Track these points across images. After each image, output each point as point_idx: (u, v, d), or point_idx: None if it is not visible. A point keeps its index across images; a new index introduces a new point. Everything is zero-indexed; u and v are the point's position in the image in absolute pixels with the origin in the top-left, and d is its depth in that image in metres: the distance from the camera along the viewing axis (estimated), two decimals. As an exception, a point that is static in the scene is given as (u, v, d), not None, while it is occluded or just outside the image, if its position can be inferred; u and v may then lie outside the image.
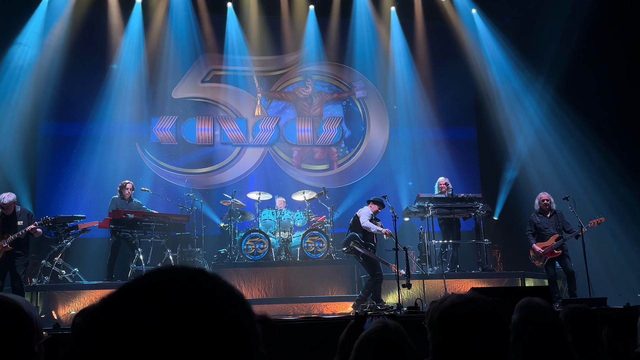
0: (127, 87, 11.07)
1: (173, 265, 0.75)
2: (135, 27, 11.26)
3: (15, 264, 7.27)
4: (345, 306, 8.33)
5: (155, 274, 0.71)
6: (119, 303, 0.68)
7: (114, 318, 0.66)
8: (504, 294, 5.96)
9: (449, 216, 9.19)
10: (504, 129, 11.43)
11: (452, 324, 1.49)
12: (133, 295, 0.68)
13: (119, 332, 0.64)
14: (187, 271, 0.72)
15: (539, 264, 8.26)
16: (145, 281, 0.70)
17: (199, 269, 0.74)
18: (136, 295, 0.68)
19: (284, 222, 9.39)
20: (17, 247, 7.30)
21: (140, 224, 8.49)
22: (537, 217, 8.35)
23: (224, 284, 0.73)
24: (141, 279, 0.71)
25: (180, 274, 0.71)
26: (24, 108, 10.21)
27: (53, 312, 7.76)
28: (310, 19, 11.94)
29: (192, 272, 0.72)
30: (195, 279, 0.71)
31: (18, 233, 7.26)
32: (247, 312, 0.72)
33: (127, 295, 0.68)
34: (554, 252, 8.07)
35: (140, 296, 0.67)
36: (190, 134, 11.41)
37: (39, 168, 10.64)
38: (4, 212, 7.34)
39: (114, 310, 0.67)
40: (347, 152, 11.93)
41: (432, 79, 11.98)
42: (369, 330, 1.89)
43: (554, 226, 8.17)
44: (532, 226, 8.37)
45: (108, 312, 0.67)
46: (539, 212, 8.34)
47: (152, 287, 0.68)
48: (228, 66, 11.76)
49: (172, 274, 0.71)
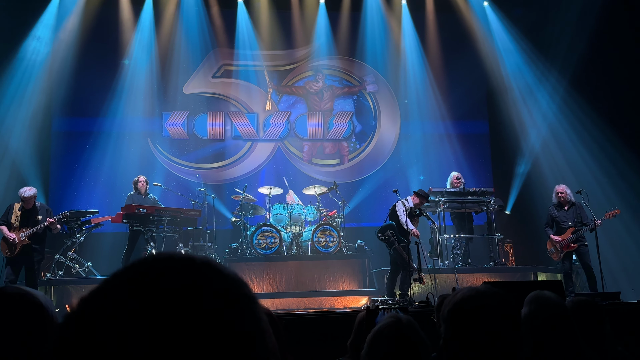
0: (139, 82, 11.13)
1: (157, 255, 0.65)
2: (146, 22, 11.31)
3: (30, 258, 7.37)
4: (356, 300, 8.34)
5: (136, 267, 0.64)
6: (97, 299, 0.62)
7: (90, 316, 0.60)
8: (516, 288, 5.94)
9: (461, 210, 9.16)
10: (516, 123, 11.36)
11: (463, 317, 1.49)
12: (111, 292, 0.62)
13: (93, 332, 0.58)
14: (172, 261, 0.63)
15: (556, 257, 8.21)
16: (125, 275, 0.63)
17: (188, 258, 0.65)
18: (113, 292, 0.61)
19: (295, 217, 9.41)
20: (35, 241, 7.40)
21: (152, 218, 8.55)
22: (554, 210, 8.30)
23: (219, 276, 0.64)
24: (122, 272, 0.64)
25: (164, 265, 0.63)
26: (37, 104, 10.31)
27: (67, 306, 7.85)
28: (321, 12, 11.91)
29: (179, 261, 0.64)
30: (182, 270, 0.62)
31: (37, 227, 7.35)
32: (249, 309, 0.63)
33: (105, 292, 0.62)
34: (570, 245, 8.02)
35: (117, 293, 0.61)
36: (202, 129, 11.46)
37: (52, 164, 10.74)
38: (24, 206, 7.44)
39: (92, 307, 0.61)
40: (358, 147, 11.91)
41: (443, 73, 11.92)
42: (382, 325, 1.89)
43: (571, 219, 8.11)
44: (550, 219, 8.32)
45: (85, 310, 0.62)
46: (557, 205, 8.28)
47: (130, 281, 0.61)
48: (239, 61, 11.77)
49: (153, 266, 0.63)
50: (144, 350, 0.57)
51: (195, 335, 0.58)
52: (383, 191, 11.30)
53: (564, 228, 8.11)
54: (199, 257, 0.65)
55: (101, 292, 0.63)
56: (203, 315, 0.59)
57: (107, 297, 0.62)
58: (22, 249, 7.32)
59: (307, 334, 5.75)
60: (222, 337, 0.60)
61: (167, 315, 0.58)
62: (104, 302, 0.61)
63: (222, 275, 0.64)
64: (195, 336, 0.58)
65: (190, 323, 0.58)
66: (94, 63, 10.85)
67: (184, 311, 0.59)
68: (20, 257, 7.34)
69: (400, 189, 8.51)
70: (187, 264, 0.64)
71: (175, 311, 0.59)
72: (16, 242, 7.29)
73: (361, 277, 8.90)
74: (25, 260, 7.37)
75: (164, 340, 0.57)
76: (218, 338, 0.59)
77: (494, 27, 11.91)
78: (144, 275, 0.62)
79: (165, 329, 0.58)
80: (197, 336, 0.58)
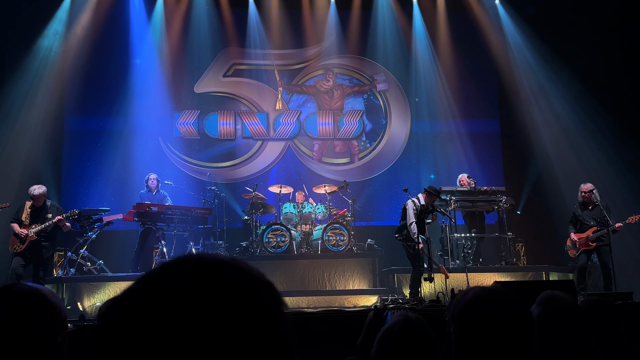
0: (150, 81, 11.19)
1: (189, 257, 0.67)
2: (157, 22, 11.36)
3: (40, 255, 7.44)
4: (366, 299, 8.33)
5: (166, 270, 0.65)
6: (125, 302, 0.63)
7: (118, 320, 0.62)
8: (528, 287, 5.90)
9: (472, 209, 9.11)
10: (528, 122, 11.26)
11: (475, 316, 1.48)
12: (137, 296, 0.63)
13: (121, 336, 0.60)
14: (204, 264, 0.65)
15: (573, 254, 8.18)
16: (152, 280, 0.64)
17: (219, 261, 0.66)
18: (140, 298, 0.63)
19: (305, 216, 9.41)
20: (44, 238, 7.47)
21: (163, 216, 8.59)
22: (578, 208, 8.28)
23: (247, 282, 0.65)
24: (151, 275, 0.65)
25: (195, 269, 0.64)
26: (50, 103, 10.40)
27: (79, 304, 7.91)
28: (331, 11, 11.90)
29: (209, 265, 0.65)
30: (212, 274, 0.64)
31: (45, 224, 7.42)
32: (279, 311, 0.65)
33: (132, 296, 0.64)
34: (588, 244, 7.99)
35: (143, 299, 0.62)
36: (212, 128, 11.50)
37: (65, 162, 10.83)
38: (34, 204, 7.52)
39: (120, 310, 0.63)
40: (368, 146, 11.89)
41: (454, 71, 11.85)
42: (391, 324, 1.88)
43: (594, 218, 8.06)
44: (574, 217, 8.31)
45: (115, 312, 0.63)
46: (581, 204, 8.24)
47: (158, 287, 0.63)
48: (249, 60, 11.80)
49: (184, 269, 0.64)
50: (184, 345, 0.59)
51: (232, 340, 0.60)
52: (393, 190, 11.28)
53: (587, 227, 8.08)
54: (227, 258, 0.68)
55: (130, 298, 0.64)
56: (237, 319, 0.61)
57: (137, 303, 0.63)
58: (30, 245, 7.39)
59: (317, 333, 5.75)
60: (255, 338, 0.61)
61: (196, 318, 0.60)
62: (134, 307, 0.63)
63: (252, 277, 0.66)
64: (232, 340, 0.60)
65: (225, 327, 0.60)
66: (105, 62, 10.93)
67: (216, 316, 0.60)
68: (29, 253, 7.42)
69: (411, 188, 8.49)
70: (217, 267, 0.65)
71: (203, 317, 0.60)
72: (25, 238, 7.37)
73: (371, 276, 8.88)
74: (34, 257, 7.44)
75: (194, 339, 0.59)
76: (250, 338, 0.61)
77: (506, 25, 11.83)
78: (177, 279, 0.63)
79: (194, 329, 0.59)
80: (235, 340, 0.60)
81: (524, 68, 11.59)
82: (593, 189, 8.16)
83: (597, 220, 8.01)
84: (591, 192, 8.12)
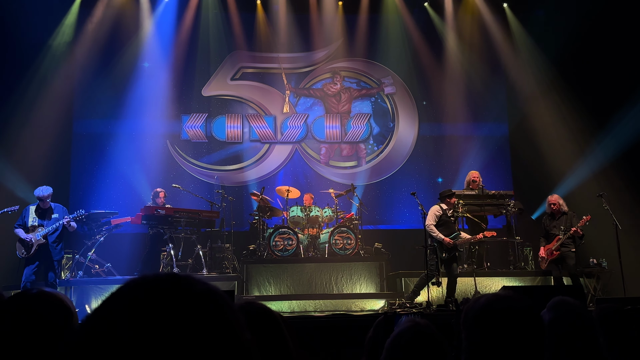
0: (158, 85, 11.24)
1: (148, 276, 0.75)
2: (165, 25, 11.42)
3: (48, 258, 7.44)
4: (373, 303, 8.31)
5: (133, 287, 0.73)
6: (100, 317, 0.71)
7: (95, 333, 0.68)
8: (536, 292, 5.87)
9: (480, 213, 9.07)
10: (537, 125, 11.18)
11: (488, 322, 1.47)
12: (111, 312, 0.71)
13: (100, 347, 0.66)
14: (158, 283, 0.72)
15: (543, 266, 8.18)
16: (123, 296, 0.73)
17: (168, 278, 0.73)
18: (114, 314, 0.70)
19: (312, 219, 9.41)
20: (52, 240, 7.47)
21: (171, 219, 8.61)
22: (547, 220, 8.29)
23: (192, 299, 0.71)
24: (120, 293, 0.74)
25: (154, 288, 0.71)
26: (59, 107, 10.45)
27: (87, 306, 7.94)
28: (339, 15, 11.92)
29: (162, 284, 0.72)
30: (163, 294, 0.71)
31: (53, 225, 7.43)
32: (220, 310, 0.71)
33: (106, 312, 0.71)
34: (553, 252, 7.99)
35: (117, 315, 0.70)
36: (220, 131, 11.52)
37: (73, 165, 10.89)
38: (40, 205, 7.53)
39: (96, 324, 0.70)
40: (376, 149, 11.88)
41: (462, 74, 11.83)
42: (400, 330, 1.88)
43: (560, 227, 8.05)
44: (543, 229, 8.32)
45: (91, 326, 0.70)
46: (550, 215, 8.27)
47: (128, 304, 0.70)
48: (257, 64, 11.84)
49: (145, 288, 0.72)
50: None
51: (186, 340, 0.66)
52: (401, 193, 11.26)
53: (553, 237, 8.09)
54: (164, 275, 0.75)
55: (104, 311, 0.72)
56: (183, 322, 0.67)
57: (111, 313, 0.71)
58: (38, 248, 7.38)
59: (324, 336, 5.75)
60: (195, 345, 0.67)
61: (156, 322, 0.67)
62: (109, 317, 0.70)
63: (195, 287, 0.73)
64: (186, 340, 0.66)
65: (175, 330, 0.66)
66: (114, 65, 10.99)
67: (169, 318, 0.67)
68: (37, 257, 7.40)
69: (419, 192, 8.47)
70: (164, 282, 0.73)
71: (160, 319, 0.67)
72: (32, 242, 7.37)
73: (378, 280, 8.86)
74: (43, 260, 7.44)
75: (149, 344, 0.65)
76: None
77: (514, 28, 11.80)
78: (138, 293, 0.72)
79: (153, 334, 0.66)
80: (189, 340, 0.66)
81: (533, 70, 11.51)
82: (559, 199, 8.19)
83: (563, 229, 8.00)
84: (558, 202, 8.13)
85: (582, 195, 9.55)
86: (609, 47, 10.36)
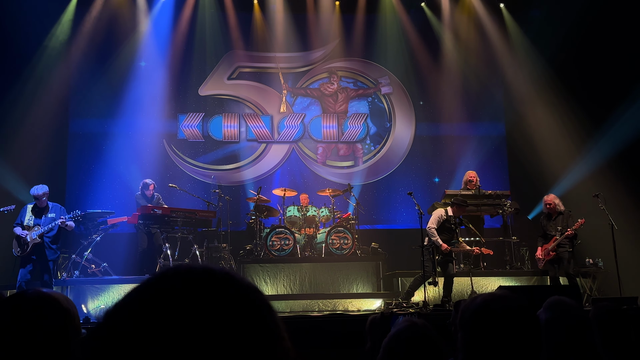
0: (155, 84, 11.23)
1: (179, 268, 0.71)
2: (162, 24, 11.40)
3: (44, 257, 7.40)
4: (370, 303, 8.31)
5: (157, 282, 0.69)
6: (122, 312, 0.67)
7: (121, 321, 0.66)
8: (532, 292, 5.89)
9: (476, 213, 9.08)
10: (533, 125, 11.20)
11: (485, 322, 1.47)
12: (135, 306, 0.67)
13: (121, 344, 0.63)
14: (193, 276, 0.69)
15: (540, 266, 8.20)
16: (149, 289, 0.68)
17: (207, 272, 0.70)
18: (139, 307, 0.66)
19: (309, 219, 9.40)
20: (48, 240, 7.43)
21: (167, 219, 8.60)
22: (544, 220, 8.30)
23: (232, 293, 0.68)
24: (144, 287, 0.69)
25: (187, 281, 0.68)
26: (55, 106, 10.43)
27: (83, 306, 7.91)
28: (336, 15, 11.92)
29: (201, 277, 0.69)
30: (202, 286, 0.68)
31: (48, 226, 7.40)
32: (267, 315, 0.69)
33: (129, 307, 0.67)
34: (550, 253, 8.01)
35: (142, 308, 0.66)
36: (217, 130, 11.52)
37: (70, 165, 10.86)
38: (37, 204, 7.49)
39: (119, 320, 0.66)
40: (373, 149, 11.88)
41: (459, 74, 11.84)
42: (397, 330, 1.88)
43: (557, 227, 8.07)
44: (541, 229, 8.33)
45: (119, 313, 0.67)
46: (546, 215, 8.29)
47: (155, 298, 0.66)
48: (254, 63, 11.83)
49: (174, 280, 0.68)
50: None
51: (218, 342, 0.64)
52: (398, 193, 11.27)
53: (550, 237, 8.12)
54: (218, 269, 0.71)
55: (128, 305, 0.68)
56: (224, 324, 0.65)
57: (132, 309, 0.67)
58: (34, 247, 7.34)
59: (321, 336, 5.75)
60: (240, 342, 0.65)
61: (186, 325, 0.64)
62: (131, 314, 0.66)
63: (240, 285, 0.70)
64: (227, 341, 0.64)
65: (211, 332, 0.64)
66: (110, 65, 10.96)
67: (205, 321, 0.64)
68: (33, 256, 7.36)
69: (415, 192, 8.48)
70: (208, 276, 0.69)
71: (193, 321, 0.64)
72: (28, 240, 7.33)
73: (375, 280, 8.86)
74: (39, 260, 7.40)
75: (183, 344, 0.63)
76: (237, 342, 0.65)
77: (511, 28, 11.82)
78: (167, 291, 0.67)
79: (184, 336, 0.63)
80: (221, 342, 0.64)
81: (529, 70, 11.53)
82: (555, 199, 8.20)
83: (560, 229, 8.02)
84: (554, 202, 8.14)
85: (579, 195, 9.57)
86: (605, 47, 10.41)
